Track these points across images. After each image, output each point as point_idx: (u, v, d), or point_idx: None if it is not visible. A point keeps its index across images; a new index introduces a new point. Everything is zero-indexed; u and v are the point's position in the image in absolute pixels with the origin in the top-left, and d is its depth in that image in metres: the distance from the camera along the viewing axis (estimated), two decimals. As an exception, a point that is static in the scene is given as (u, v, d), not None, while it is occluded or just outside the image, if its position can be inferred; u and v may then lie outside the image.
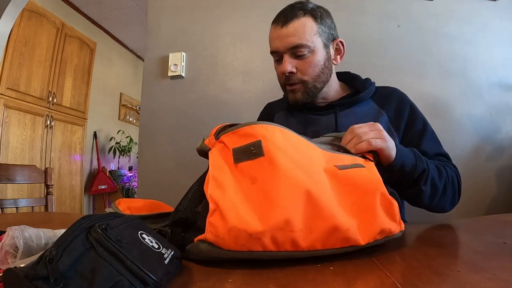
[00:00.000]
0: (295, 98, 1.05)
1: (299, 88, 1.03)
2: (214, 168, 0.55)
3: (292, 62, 0.99)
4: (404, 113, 1.05)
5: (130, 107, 6.19)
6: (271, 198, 0.50)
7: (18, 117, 3.53)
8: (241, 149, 0.55)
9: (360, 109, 1.07)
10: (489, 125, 1.68)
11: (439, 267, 0.50)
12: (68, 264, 0.33)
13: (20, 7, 3.21)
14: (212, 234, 0.49)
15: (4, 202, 1.66)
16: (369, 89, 1.09)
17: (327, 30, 1.02)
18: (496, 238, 0.68)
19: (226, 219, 0.49)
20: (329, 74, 1.06)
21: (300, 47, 0.97)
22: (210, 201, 0.51)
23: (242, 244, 0.49)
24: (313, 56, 0.99)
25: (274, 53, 1.04)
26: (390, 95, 1.10)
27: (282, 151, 0.54)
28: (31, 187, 3.53)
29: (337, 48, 1.07)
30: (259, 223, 0.48)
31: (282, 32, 0.98)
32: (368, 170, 0.63)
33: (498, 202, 1.64)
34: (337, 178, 0.58)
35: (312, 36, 0.98)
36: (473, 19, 1.73)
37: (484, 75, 1.71)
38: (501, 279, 0.44)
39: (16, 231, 0.47)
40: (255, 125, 0.57)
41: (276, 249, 0.49)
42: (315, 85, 1.03)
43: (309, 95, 1.04)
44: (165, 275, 0.41)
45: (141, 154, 2.03)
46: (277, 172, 0.52)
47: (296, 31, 0.96)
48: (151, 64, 2.06)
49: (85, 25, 4.80)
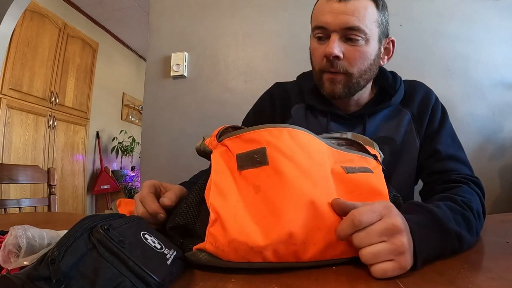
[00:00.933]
0: (333, 91, 0.89)
1: (342, 79, 0.87)
2: (216, 173, 0.53)
3: (341, 45, 0.84)
4: (428, 110, 0.94)
5: (133, 107, 6.20)
6: (275, 209, 0.48)
7: (21, 118, 3.54)
8: (245, 156, 0.53)
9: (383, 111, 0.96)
10: (492, 124, 1.68)
11: (442, 267, 0.50)
12: (70, 265, 0.33)
13: (22, 7, 3.22)
14: (212, 245, 0.47)
15: (7, 202, 1.67)
16: (400, 92, 0.96)
17: (385, 23, 0.89)
18: (499, 237, 0.68)
19: (227, 230, 0.47)
20: (374, 73, 0.93)
21: (357, 30, 0.82)
22: (211, 211, 0.49)
23: (242, 256, 0.47)
24: (367, 46, 0.85)
25: (318, 29, 0.86)
26: (415, 91, 0.98)
27: (287, 158, 0.51)
28: (34, 187, 3.55)
29: (387, 47, 0.94)
30: (261, 237, 0.47)
31: (339, 7, 0.81)
32: (376, 176, 0.61)
33: (501, 202, 1.63)
34: (343, 183, 0.56)
35: (372, 23, 0.84)
36: (475, 18, 1.73)
37: (486, 74, 1.70)
38: (505, 278, 0.44)
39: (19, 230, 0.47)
40: (260, 129, 0.54)
41: (277, 261, 0.48)
42: (359, 81, 0.89)
43: (349, 91, 0.89)
44: (167, 276, 0.41)
45: (144, 154, 2.03)
46: (281, 181, 0.49)
47: (357, 11, 0.81)
48: (153, 64, 2.06)
49: (87, 25, 4.81)
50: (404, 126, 0.94)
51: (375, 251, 0.46)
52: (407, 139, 0.93)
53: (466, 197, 0.69)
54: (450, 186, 0.77)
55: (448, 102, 1.68)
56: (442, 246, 0.54)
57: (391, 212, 0.49)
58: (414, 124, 0.94)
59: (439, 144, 0.89)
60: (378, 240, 0.47)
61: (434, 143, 0.90)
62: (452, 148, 0.89)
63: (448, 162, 0.86)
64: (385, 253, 0.46)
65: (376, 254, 0.46)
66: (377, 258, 0.46)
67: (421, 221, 0.54)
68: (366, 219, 0.47)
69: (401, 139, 0.93)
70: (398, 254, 0.46)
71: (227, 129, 0.59)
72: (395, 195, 0.65)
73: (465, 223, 0.60)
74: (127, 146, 5.77)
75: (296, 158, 0.52)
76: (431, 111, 0.94)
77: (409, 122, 0.94)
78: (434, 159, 0.89)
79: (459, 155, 0.88)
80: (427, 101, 0.95)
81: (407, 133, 0.94)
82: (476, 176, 0.83)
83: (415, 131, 0.94)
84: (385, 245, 0.46)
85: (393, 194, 0.64)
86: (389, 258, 0.46)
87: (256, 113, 1.10)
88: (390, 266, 0.46)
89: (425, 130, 0.94)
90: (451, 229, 0.56)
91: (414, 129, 0.94)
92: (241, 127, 0.58)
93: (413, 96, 0.96)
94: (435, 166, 0.88)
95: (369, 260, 0.46)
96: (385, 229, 0.47)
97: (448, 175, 0.83)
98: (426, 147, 0.92)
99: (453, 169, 0.84)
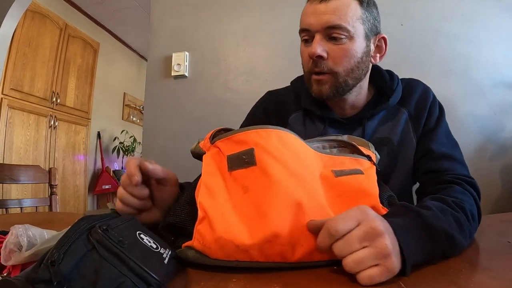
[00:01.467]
0: (320, 92, 0.87)
1: (328, 79, 0.86)
2: (207, 174, 0.55)
3: (324, 45, 0.83)
4: (425, 109, 0.92)
5: (134, 107, 6.21)
6: (261, 210, 0.49)
7: (22, 118, 3.55)
8: (235, 157, 0.54)
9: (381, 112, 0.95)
10: (493, 124, 1.67)
11: (442, 266, 0.50)
12: (71, 267, 0.33)
13: (23, 7, 3.23)
14: (199, 242, 0.49)
15: (8, 202, 1.67)
16: (397, 91, 0.94)
17: (371, 20, 0.86)
18: (500, 237, 0.68)
19: (214, 229, 0.48)
20: (364, 72, 0.90)
21: (338, 28, 0.81)
22: (200, 209, 0.50)
23: (229, 255, 0.48)
24: (351, 43, 0.83)
25: (304, 32, 0.87)
26: (412, 90, 0.95)
27: (275, 159, 0.52)
28: (35, 187, 3.55)
29: (379, 45, 0.91)
30: (247, 236, 0.47)
31: (319, 8, 0.81)
32: (366, 178, 0.60)
33: (502, 201, 1.63)
34: (332, 187, 0.56)
35: (355, 20, 0.82)
36: (476, 18, 1.72)
37: (487, 74, 1.70)
38: (506, 278, 0.44)
39: (20, 229, 0.47)
40: (249, 131, 0.55)
41: (264, 260, 0.49)
42: (347, 80, 0.86)
43: (337, 90, 0.87)
44: (165, 275, 0.41)
45: (145, 153, 2.03)
46: (269, 182, 0.50)
47: (338, 9, 0.81)
48: (154, 64, 2.07)
49: (88, 25, 4.81)
50: (401, 126, 0.92)
51: (358, 258, 0.44)
52: (404, 139, 0.92)
53: (458, 197, 0.67)
54: (442, 187, 0.75)
55: (449, 102, 1.68)
56: (432, 249, 0.51)
57: (368, 216, 0.47)
58: (411, 123, 0.93)
59: (433, 143, 0.87)
60: (359, 246, 0.45)
61: (428, 141, 0.89)
62: (447, 146, 0.87)
63: (441, 162, 0.84)
64: (369, 258, 0.44)
65: (359, 261, 0.44)
66: (361, 265, 0.44)
67: (407, 223, 0.52)
68: (342, 227, 0.46)
69: (398, 139, 0.92)
70: (383, 257, 0.44)
71: (219, 131, 0.61)
72: (390, 196, 0.64)
73: (456, 224, 0.58)
74: (128, 146, 5.77)
75: (283, 160, 0.53)
76: (428, 110, 0.92)
77: (406, 121, 0.93)
78: (427, 158, 0.87)
79: (453, 153, 0.86)
80: (424, 100, 0.93)
81: (404, 133, 0.92)
82: (471, 176, 0.81)
83: (412, 131, 0.92)
84: (368, 250, 0.45)
85: (388, 194, 0.64)
86: (374, 263, 0.44)
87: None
88: (376, 271, 0.44)
89: (422, 129, 0.92)
90: (441, 231, 0.53)
91: (411, 128, 0.92)
92: (232, 129, 0.59)
93: (411, 95, 0.94)
94: (428, 165, 0.86)
95: (353, 268, 0.44)
96: (364, 233, 0.45)
97: (441, 175, 0.81)
98: (420, 146, 0.91)
99: (446, 169, 0.82)
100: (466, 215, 0.62)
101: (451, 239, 0.54)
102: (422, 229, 0.52)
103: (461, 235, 0.57)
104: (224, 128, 0.61)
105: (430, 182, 0.83)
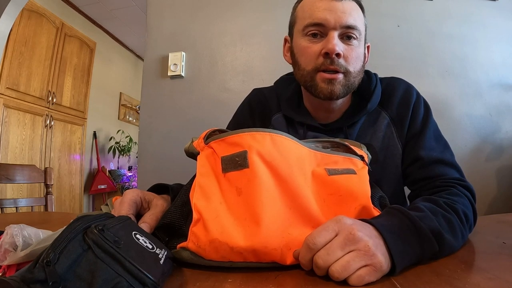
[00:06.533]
0: (332, 91, 0.81)
1: (341, 79, 0.81)
2: (201, 175, 0.55)
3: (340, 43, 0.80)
4: (408, 111, 0.87)
5: (130, 106, 6.19)
6: (254, 212, 0.49)
7: (18, 117, 3.53)
8: (228, 159, 0.54)
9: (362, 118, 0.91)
10: (489, 125, 1.68)
11: (438, 267, 0.50)
12: (66, 267, 0.33)
13: (20, 6, 3.21)
14: (194, 244, 0.49)
15: (3, 202, 1.66)
16: (376, 94, 0.89)
17: (366, 27, 0.87)
18: (496, 238, 0.68)
19: (209, 230, 0.48)
20: (361, 76, 0.87)
21: (355, 29, 0.80)
22: (194, 211, 0.51)
23: (223, 256, 0.49)
24: (359, 46, 0.83)
25: (314, 26, 0.81)
26: (393, 90, 0.90)
27: (267, 163, 0.53)
28: (31, 187, 3.53)
29: (365, 53, 0.90)
30: (241, 239, 0.48)
31: (336, 6, 0.79)
32: (358, 178, 0.60)
33: (498, 202, 1.64)
34: (324, 185, 0.56)
35: (362, 25, 0.83)
36: (473, 19, 1.74)
37: (483, 75, 1.71)
38: (501, 279, 0.44)
39: (15, 229, 0.47)
40: (243, 133, 0.55)
41: (257, 261, 0.49)
42: (354, 82, 0.83)
43: (346, 91, 0.83)
44: (161, 276, 0.41)
45: (141, 153, 2.03)
46: (260, 186, 0.50)
47: (353, 10, 0.80)
48: (151, 64, 2.06)
49: (85, 24, 4.80)
50: (382, 131, 0.89)
51: (344, 262, 0.44)
52: (387, 144, 0.88)
53: (451, 198, 0.66)
54: (435, 191, 0.74)
55: (446, 102, 1.69)
56: (420, 249, 0.51)
57: (345, 224, 0.47)
58: (394, 128, 0.89)
59: (422, 149, 0.83)
60: (342, 253, 0.45)
61: (416, 148, 0.85)
62: (436, 150, 0.84)
63: (432, 168, 0.81)
64: (355, 261, 0.44)
65: (346, 266, 0.43)
66: (349, 268, 0.43)
67: (393, 223, 0.52)
68: (320, 239, 0.46)
69: (380, 146, 0.88)
70: (369, 258, 0.44)
71: (214, 132, 0.61)
72: (381, 196, 0.64)
73: (447, 225, 0.57)
74: (124, 146, 5.76)
75: (275, 165, 0.53)
76: (412, 112, 0.88)
77: (387, 126, 0.89)
78: (417, 166, 0.84)
79: (444, 157, 0.82)
80: (407, 100, 0.89)
81: (387, 138, 0.89)
82: (465, 178, 0.79)
83: (396, 136, 0.88)
84: (352, 253, 0.45)
85: (379, 195, 0.64)
86: (361, 264, 0.44)
87: (236, 126, 1.03)
88: (364, 271, 0.44)
89: (407, 133, 0.88)
90: (429, 231, 0.52)
91: (394, 133, 0.88)
92: (227, 130, 0.60)
93: (392, 97, 0.90)
94: (419, 173, 0.83)
95: (341, 273, 0.43)
96: (345, 240, 0.45)
97: (433, 181, 0.79)
98: (408, 153, 0.87)
99: (438, 175, 0.80)
100: (459, 216, 0.61)
101: (440, 240, 0.53)
102: (409, 229, 0.52)
103: (452, 236, 0.56)
104: (219, 129, 0.61)
105: (423, 189, 0.81)
